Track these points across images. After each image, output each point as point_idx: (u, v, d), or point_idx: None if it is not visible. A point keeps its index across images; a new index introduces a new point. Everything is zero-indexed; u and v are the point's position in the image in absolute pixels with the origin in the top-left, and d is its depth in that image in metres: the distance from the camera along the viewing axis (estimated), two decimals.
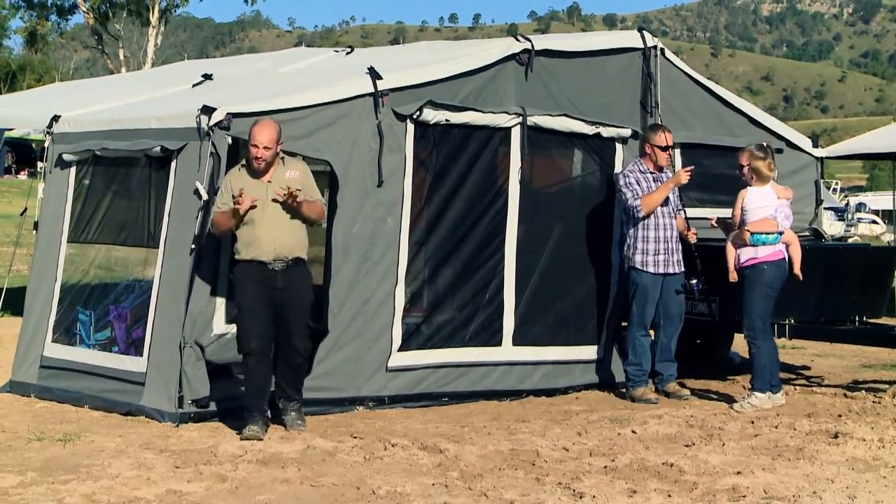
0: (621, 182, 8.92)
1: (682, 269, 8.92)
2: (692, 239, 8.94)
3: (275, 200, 7.11)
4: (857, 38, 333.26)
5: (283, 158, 7.29)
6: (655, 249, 8.83)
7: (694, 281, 8.83)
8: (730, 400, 8.74)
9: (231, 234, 7.33)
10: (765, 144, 8.73)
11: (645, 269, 8.83)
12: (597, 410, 8.37)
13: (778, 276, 8.40)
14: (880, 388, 9.17)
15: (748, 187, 8.45)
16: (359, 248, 8.06)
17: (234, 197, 7.09)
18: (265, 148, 7.10)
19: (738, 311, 8.52)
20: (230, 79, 10.11)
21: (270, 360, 7.31)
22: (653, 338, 9.08)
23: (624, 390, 9.01)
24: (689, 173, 8.82)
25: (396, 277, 8.21)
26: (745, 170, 8.46)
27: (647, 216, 8.77)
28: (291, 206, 7.11)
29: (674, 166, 9.02)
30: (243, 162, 7.28)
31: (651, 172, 8.91)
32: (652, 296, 8.84)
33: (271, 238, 7.15)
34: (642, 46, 9.54)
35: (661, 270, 8.84)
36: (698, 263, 8.87)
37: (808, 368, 10.72)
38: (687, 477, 6.20)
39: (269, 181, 7.18)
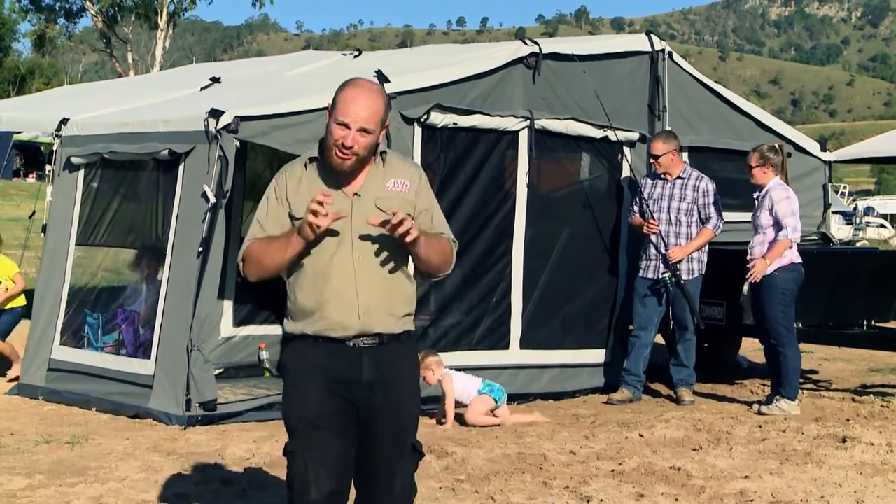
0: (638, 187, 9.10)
1: (690, 275, 8.87)
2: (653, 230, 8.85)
3: (366, 237, 3.83)
4: (865, 41, 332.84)
5: (383, 154, 3.94)
6: (646, 255, 8.94)
7: (666, 275, 8.82)
8: (738, 404, 8.72)
9: (275, 276, 3.94)
10: (777, 145, 8.73)
11: (637, 271, 9.01)
12: (604, 414, 8.36)
13: (792, 279, 8.37)
14: (888, 393, 9.16)
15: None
16: None
17: (292, 217, 3.86)
18: (362, 131, 3.79)
19: (755, 316, 8.50)
20: (238, 82, 10.12)
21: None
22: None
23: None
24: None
25: None
26: (754, 170, 8.45)
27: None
28: (400, 240, 3.75)
29: (657, 166, 9.04)
30: (312, 155, 3.92)
31: (661, 177, 8.92)
32: (639, 296, 8.93)
33: (352, 295, 3.80)
34: (650, 50, 9.55)
35: (649, 275, 8.89)
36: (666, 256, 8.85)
37: (816, 372, 10.69)
38: (694, 481, 6.19)
39: (358, 194, 3.86)
